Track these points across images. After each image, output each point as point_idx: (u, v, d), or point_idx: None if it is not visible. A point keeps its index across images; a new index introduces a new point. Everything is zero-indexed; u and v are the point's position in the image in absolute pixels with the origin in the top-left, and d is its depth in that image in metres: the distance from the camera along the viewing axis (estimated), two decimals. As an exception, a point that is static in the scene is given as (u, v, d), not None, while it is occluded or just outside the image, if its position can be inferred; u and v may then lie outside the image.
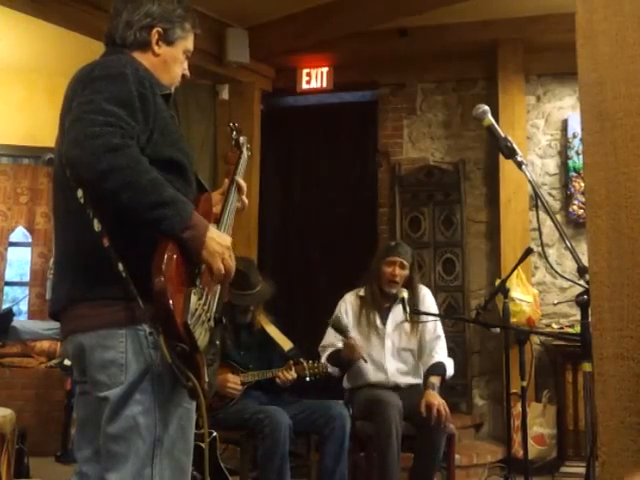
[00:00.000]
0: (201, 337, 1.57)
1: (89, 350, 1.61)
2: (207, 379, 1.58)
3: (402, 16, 4.27)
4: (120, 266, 1.54)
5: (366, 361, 3.30)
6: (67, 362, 3.90)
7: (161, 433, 1.60)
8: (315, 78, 4.97)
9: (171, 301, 1.47)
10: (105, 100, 1.54)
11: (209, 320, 1.65)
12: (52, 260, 4.68)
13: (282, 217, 5.26)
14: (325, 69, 4.95)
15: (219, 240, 1.63)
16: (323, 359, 3.35)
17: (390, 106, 5.02)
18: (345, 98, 5.18)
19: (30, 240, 5.41)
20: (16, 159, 5.35)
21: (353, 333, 3.40)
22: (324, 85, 4.97)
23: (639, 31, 1.36)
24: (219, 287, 1.74)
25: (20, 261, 5.64)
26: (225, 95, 4.85)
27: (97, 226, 1.56)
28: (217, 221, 1.81)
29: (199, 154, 4.59)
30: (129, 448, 1.57)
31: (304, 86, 5.00)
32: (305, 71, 4.99)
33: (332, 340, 3.41)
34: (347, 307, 3.50)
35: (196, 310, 1.56)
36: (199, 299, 1.59)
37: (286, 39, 4.60)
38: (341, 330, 3.24)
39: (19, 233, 5.47)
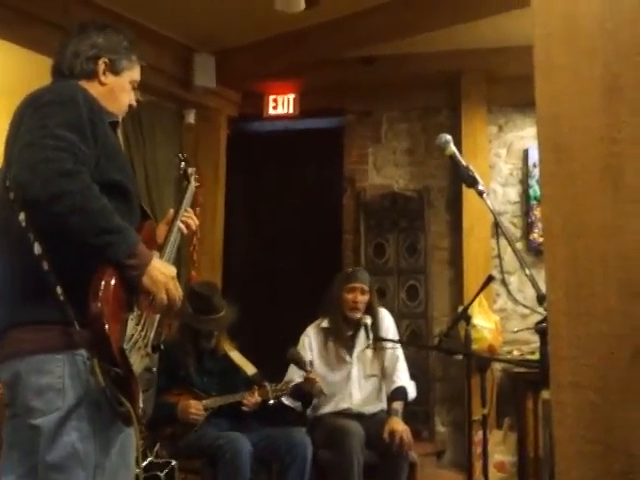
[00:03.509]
0: (137, 363, 1.59)
1: (25, 375, 1.59)
2: (141, 405, 1.58)
3: (368, 45, 4.33)
4: (59, 290, 1.55)
5: (325, 395, 3.29)
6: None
7: (101, 459, 1.59)
8: (282, 104, 4.99)
9: (107, 325, 1.49)
10: (57, 125, 1.56)
11: (146, 346, 1.66)
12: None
13: (247, 242, 5.25)
14: (292, 95, 4.99)
15: (163, 270, 1.65)
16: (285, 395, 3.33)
17: (356, 133, 5.07)
18: (311, 124, 5.22)
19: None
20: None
21: (319, 366, 3.41)
22: (290, 111, 5.00)
23: (594, 67, 1.40)
24: (159, 315, 1.75)
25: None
26: (191, 119, 4.85)
27: (37, 249, 1.56)
28: (160, 250, 1.84)
29: (164, 178, 4.55)
30: (69, 476, 1.56)
31: (271, 112, 5.03)
32: (272, 97, 5.02)
33: (293, 376, 3.40)
34: (311, 341, 3.50)
35: (132, 335, 1.58)
36: (136, 325, 1.61)
37: (253, 65, 4.63)
38: (300, 363, 3.23)
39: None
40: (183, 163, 2.26)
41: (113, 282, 1.53)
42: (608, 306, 1.35)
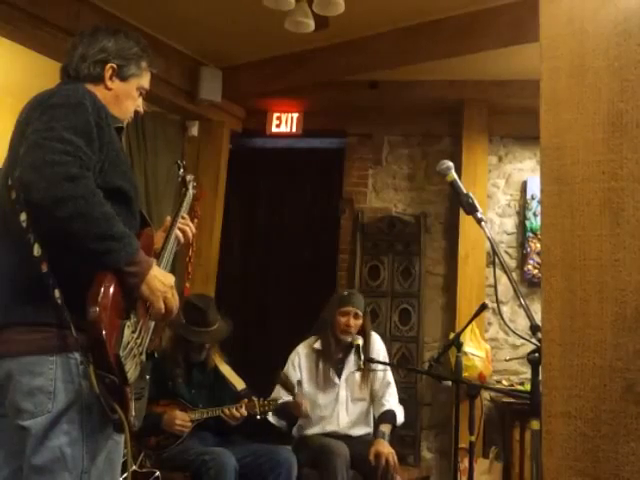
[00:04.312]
0: (131, 370, 1.58)
1: (17, 375, 1.58)
2: (134, 413, 1.58)
3: (373, 70, 4.38)
4: (57, 293, 1.55)
5: (310, 418, 3.35)
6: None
7: (88, 465, 1.57)
8: (285, 122, 5.03)
9: (104, 331, 1.48)
10: (65, 129, 1.56)
11: (141, 354, 1.66)
12: None
13: (242, 257, 5.25)
14: (295, 114, 5.02)
15: (162, 279, 1.65)
16: (271, 413, 3.33)
17: (357, 155, 5.10)
18: (313, 144, 5.25)
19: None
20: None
21: (308, 387, 3.40)
22: (294, 130, 5.03)
23: (598, 102, 1.43)
24: (154, 323, 1.75)
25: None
26: (194, 131, 4.87)
27: (37, 251, 1.56)
28: (157, 257, 1.84)
29: (164, 188, 4.57)
30: None
31: (274, 129, 5.06)
32: (276, 115, 5.06)
33: (280, 394, 3.40)
34: (301, 361, 3.50)
35: (129, 343, 1.57)
36: (132, 332, 1.61)
37: (259, 82, 4.66)
38: (288, 387, 3.25)
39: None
40: (182, 170, 2.26)
41: (112, 288, 1.53)
42: (602, 338, 1.36)
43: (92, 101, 1.68)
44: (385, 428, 3.32)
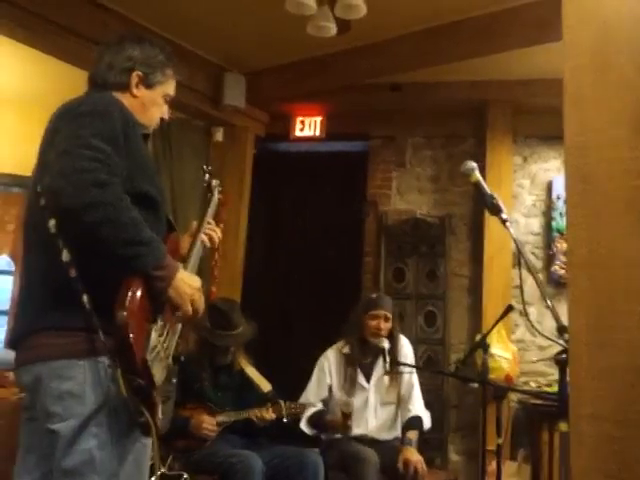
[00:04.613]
0: (158, 374, 1.60)
1: (46, 380, 1.61)
2: (161, 416, 1.59)
3: (395, 72, 4.37)
4: (85, 297, 1.57)
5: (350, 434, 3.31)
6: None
7: (117, 468, 1.60)
8: (309, 126, 5.05)
9: (132, 335, 1.50)
10: (93, 136, 1.59)
11: (168, 357, 1.68)
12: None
13: (266, 260, 5.27)
14: (319, 118, 5.04)
15: (189, 281, 1.67)
16: (303, 420, 3.33)
17: (380, 158, 5.10)
18: (337, 147, 5.26)
19: (14, 269, 5.36)
20: (6, 188, 5.35)
21: (337, 391, 3.40)
22: (317, 134, 5.04)
23: (624, 99, 1.41)
24: (180, 326, 1.77)
25: (3, 290, 5.56)
26: (219, 137, 4.91)
27: (66, 256, 1.59)
28: (184, 262, 1.86)
29: (190, 193, 4.61)
30: None
31: (297, 133, 5.08)
32: (299, 119, 5.08)
33: (312, 399, 3.39)
34: (330, 365, 3.50)
35: (155, 347, 1.59)
36: (159, 336, 1.62)
37: (281, 87, 4.69)
38: (348, 415, 3.24)
39: (2, 261, 5.42)
40: (207, 175, 2.26)
41: (139, 293, 1.55)
42: (629, 338, 1.34)
43: (119, 109, 1.72)
44: (412, 435, 3.31)
